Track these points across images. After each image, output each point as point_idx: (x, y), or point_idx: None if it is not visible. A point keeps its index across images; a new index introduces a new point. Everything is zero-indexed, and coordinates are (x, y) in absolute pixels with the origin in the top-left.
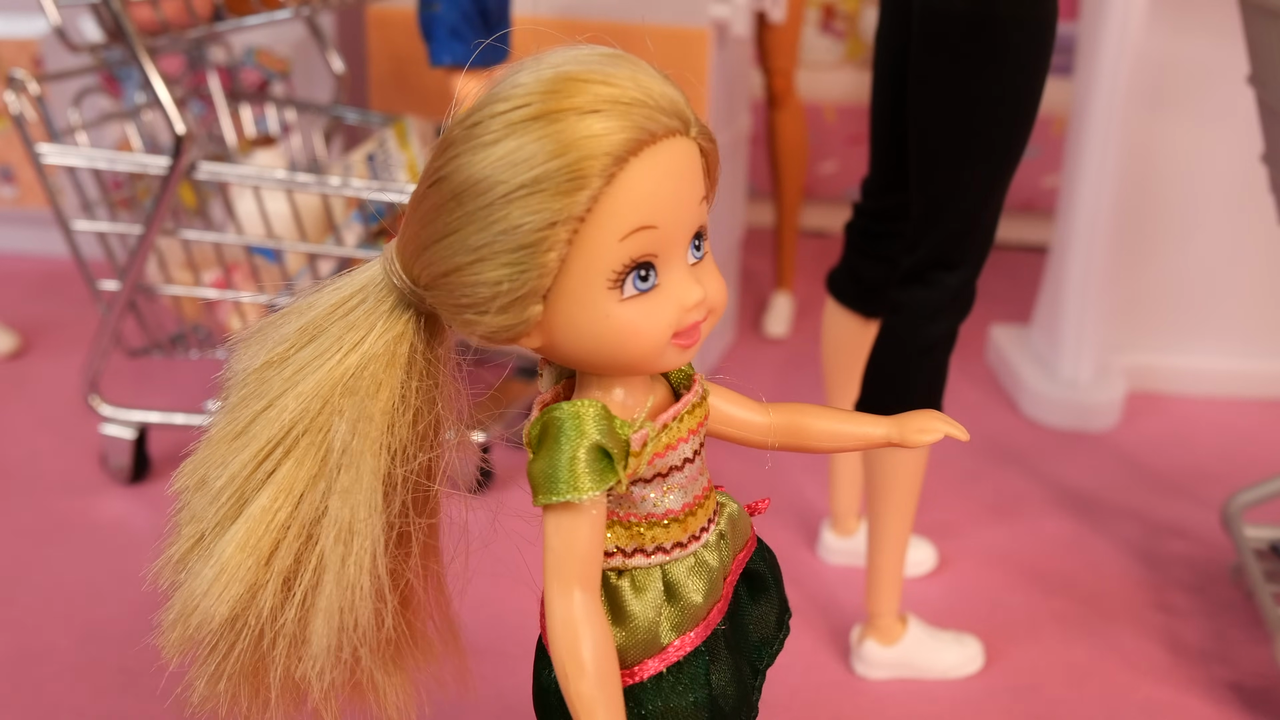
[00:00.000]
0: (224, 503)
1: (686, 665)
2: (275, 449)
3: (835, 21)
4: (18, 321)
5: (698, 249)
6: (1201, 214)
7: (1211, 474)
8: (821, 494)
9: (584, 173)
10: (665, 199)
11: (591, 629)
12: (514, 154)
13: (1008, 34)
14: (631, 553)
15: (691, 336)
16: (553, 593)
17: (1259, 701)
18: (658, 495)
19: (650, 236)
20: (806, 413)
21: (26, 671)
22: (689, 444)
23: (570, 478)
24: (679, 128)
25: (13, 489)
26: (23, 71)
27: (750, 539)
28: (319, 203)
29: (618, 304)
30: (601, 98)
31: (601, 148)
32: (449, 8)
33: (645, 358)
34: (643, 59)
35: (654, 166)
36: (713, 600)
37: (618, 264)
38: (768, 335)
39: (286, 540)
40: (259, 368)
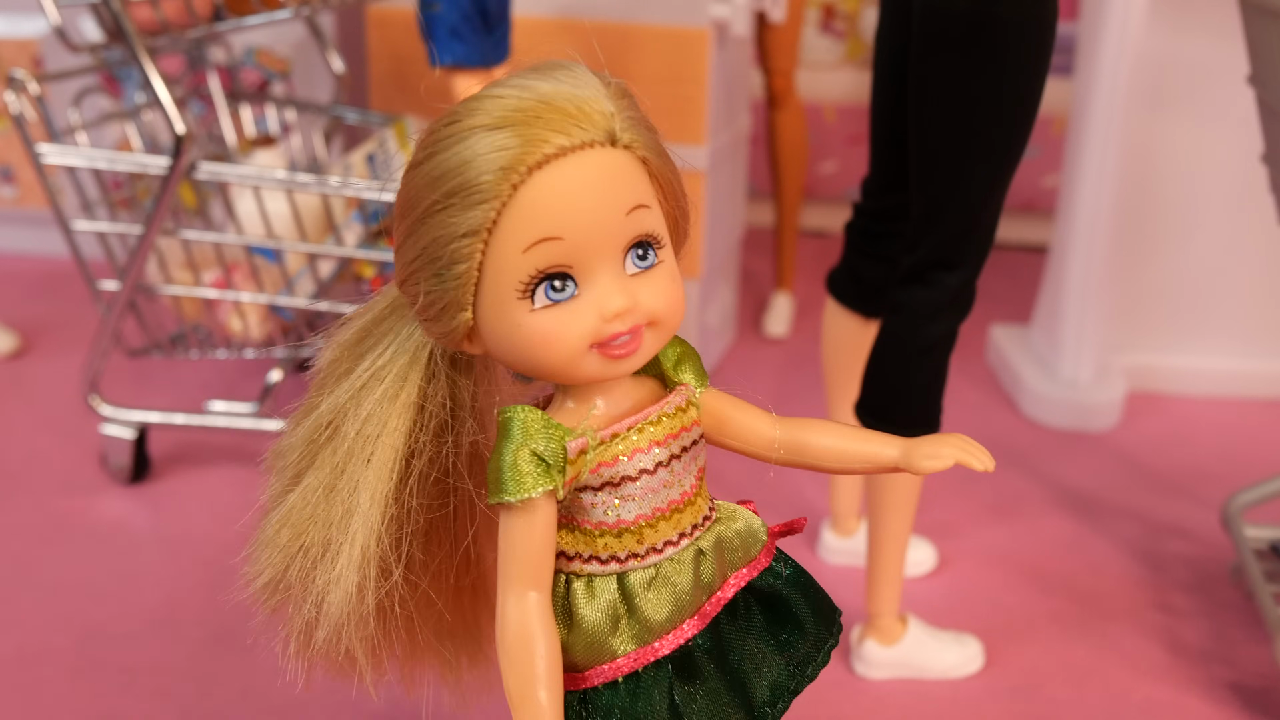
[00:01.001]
0: (285, 480)
1: (645, 677)
2: (319, 435)
3: (835, 21)
4: (18, 321)
5: (643, 258)
6: (1201, 214)
7: (1211, 474)
8: (821, 494)
9: (484, 187)
10: (573, 210)
11: (539, 631)
12: (432, 172)
13: (1008, 34)
14: (588, 558)
15: (622, 348)
16: (502, 591)
17: (1259, 701)
18: (609, 503)
19: (556, 248)
20: (814, 429)
21: (26, 671)
22: (650, 455)
23: (512, 479)
24: (598, 139)
25: (13, 489)
26: (23, 71)
27: (758, 558)
28: (319, 203)
29: (528, 314)
30: (511, 112)
31: (499, 162)
32: (449, 8)
33: (559, 367)
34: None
35: (561, 179)
36: (681, 616)
37: (524, 275)
38: (768, 335)
39: (318, 518)
40: (329, 363)
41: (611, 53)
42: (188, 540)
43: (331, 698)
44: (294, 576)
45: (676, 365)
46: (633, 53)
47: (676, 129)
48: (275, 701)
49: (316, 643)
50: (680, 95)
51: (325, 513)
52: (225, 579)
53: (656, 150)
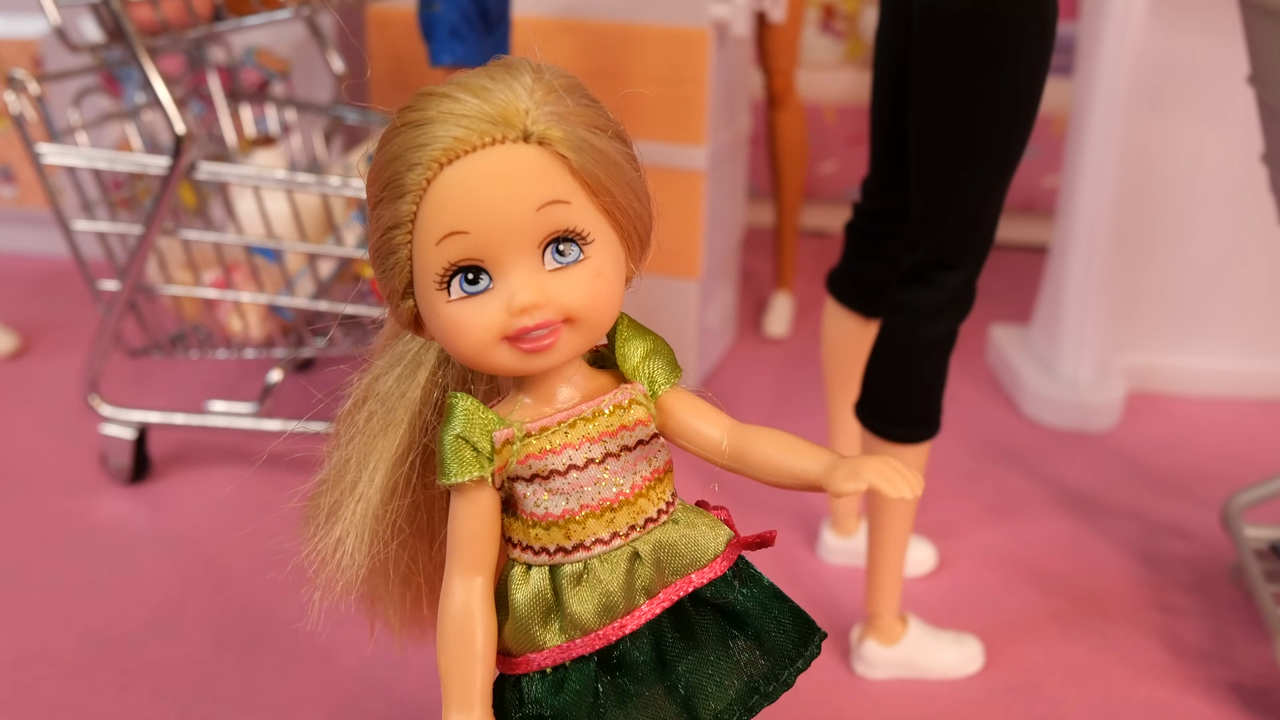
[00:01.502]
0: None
1: (573, 672)
2: (356, 409)
3: (835, 21)
4: (18, 321)
5: (562, 254)
6: (1201, 214)
7: (1211, 474)
8: (821, 494)
9: (405, 182)
10: (478, 205)
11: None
12: (375, 167)
13: (1008, 34)
14: (524, 547)
15: (534, 342)
16: (447, 569)
17: (1259, 701)
18: (539, 495)
19: (464, 241)
20: (760, 440)
21: (26, 671)
22: (581, 451)
23: (453, 462)
24: (509, 135)
25: (13, 489)
26: (23, 71)
27: (710, 566)
28: (319, 203)
29: (445, 304)
30: (433, 111)
31: (416, 158)
32: (449, 8)
33: (471, 356)
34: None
35: (467, 174)
36: (611, 616)
37: (438, 267)
38: (768, 335)
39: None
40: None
41: (611, 53)
42: (188, 540)
43: (332, 698)
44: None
45: (640, 363)
46: (633, 53)
47: (676, 129)
48: (275, 701)
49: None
50: (680, 95)
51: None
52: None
53: (580, 147)
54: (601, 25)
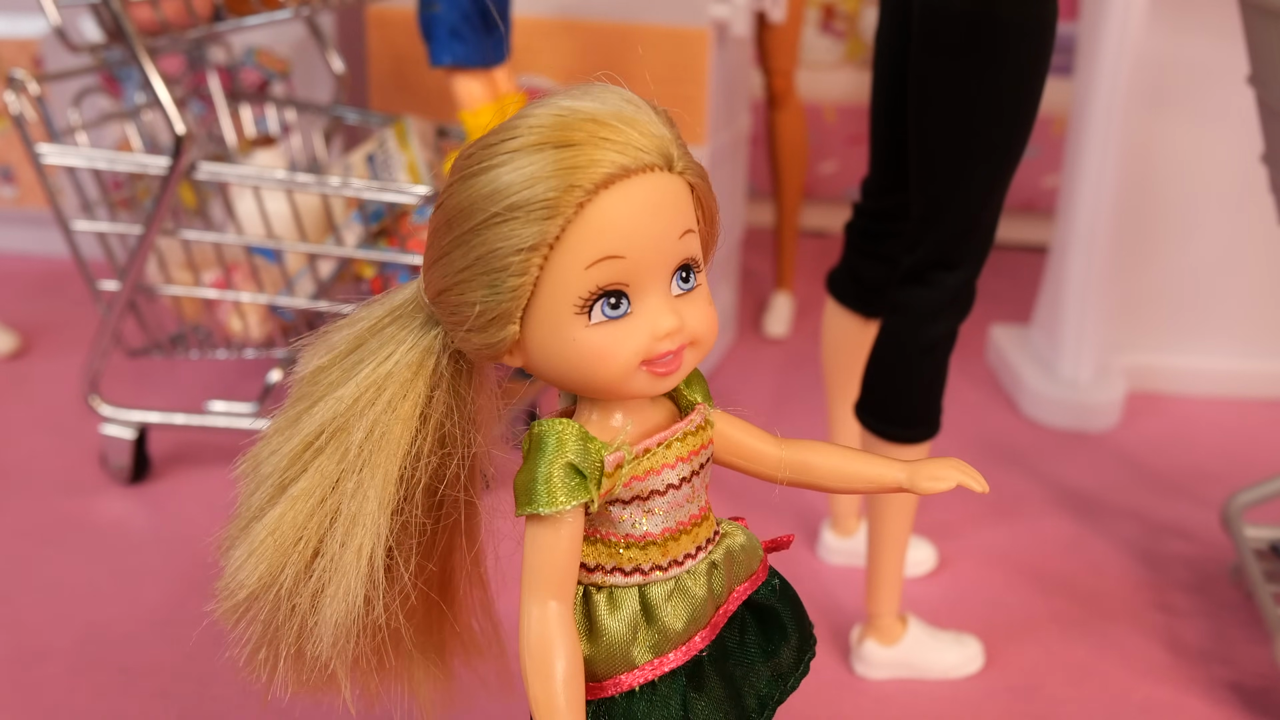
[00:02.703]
0: (267, 490)
1: (661, 686)
2: (312, 445)
3: (835, 21)
4: (18, 321)
5: (685, 280)
6: (1201, 214)
7: (1211, 474)
8: (821, 494)
9: (554, 202)
10: (635, 231)
11: (562, 639)
12: (492, 183)
13: (1008, 34)
14: (611, 570)
15: (666, 365)
16: (526, 600)
17: (1259, 701)
18: (637, 517)
19: (618, 266)
20: (818, 451)
21: (26, 671)
22: (675, 470)
23: (546, 492)
24: (659, 163)
25: (13, 489)
26: (23, 71)
27: (757, 573)
28: (319, 203)
29: (584, 329)
30: (580, 132)
31: (571, 180)
32: (449, 8)
33: (611, 382)
34: (643, 96)
35: (626, 199)
36: (695, 627)
37: (584, 290)
38: (768, 335)
39: (310, 527)
40: (312, 372)
41: (611, 53)
42: (188, 540)
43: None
44: (285, 587)
45: (689, 386)
46: (633, 53)
47: None
48: (275, 701)
49: (312, 655)
50: (680, 95)
51: (321, 522)
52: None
53: (703, 176)
54: (601, 25)
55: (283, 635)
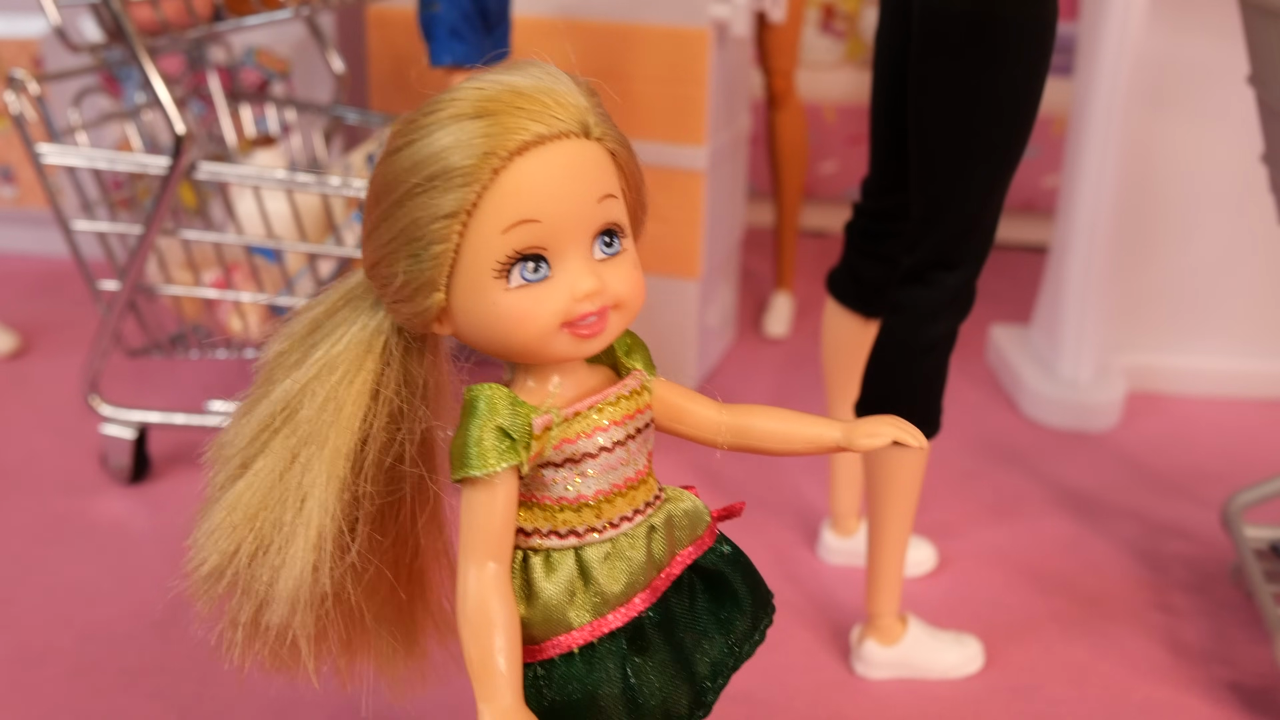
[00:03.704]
0: (230, 470)
1: (600, 648)
2: (270, 424)
3: (835, 21)
4: (18, 321)
5: (609, 245)
6: (1201, 214)
7: (1211, 474)
8: (821, 494)
9: (470, 170)
10: (550, 195)
11: (499, 601)
12: (413, 156)
13: (1008, 34)
14: (547, 533)
15: (589, 328)
16: (464, 563)
17: (1259, 701)
18: (569, 479)
19: (534, 229)
20: (758, 414)
21: (26, 671)
22: (608, 433)
23: (477, 454)
24: (574, 130)
25: (13, 489)
26: (23, 71)
27: (703, 538)
28: (319, 203)
29: (504, 292)
30: (497, 103)
31: (482, 147)
32: (449, 8)
33: (531, 344)
34: (553, 66)
35: (540, 165)
36: (634, 590)
37: (502, 255)
38: (768, 335)
39: (267, 504)
40: (274, 356)
41: (611, 53)
42: (188, 540)
43: (333, 698)
44: (242, 561)
45: (628, 353)
46: (633, 53)
47: (676, 129)
48: (275, 701)
49: (265, 626)
50: (680, 95)
51: (278, 497)
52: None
53: (624, 144)
54: (601, 25)
55: (242, 607)
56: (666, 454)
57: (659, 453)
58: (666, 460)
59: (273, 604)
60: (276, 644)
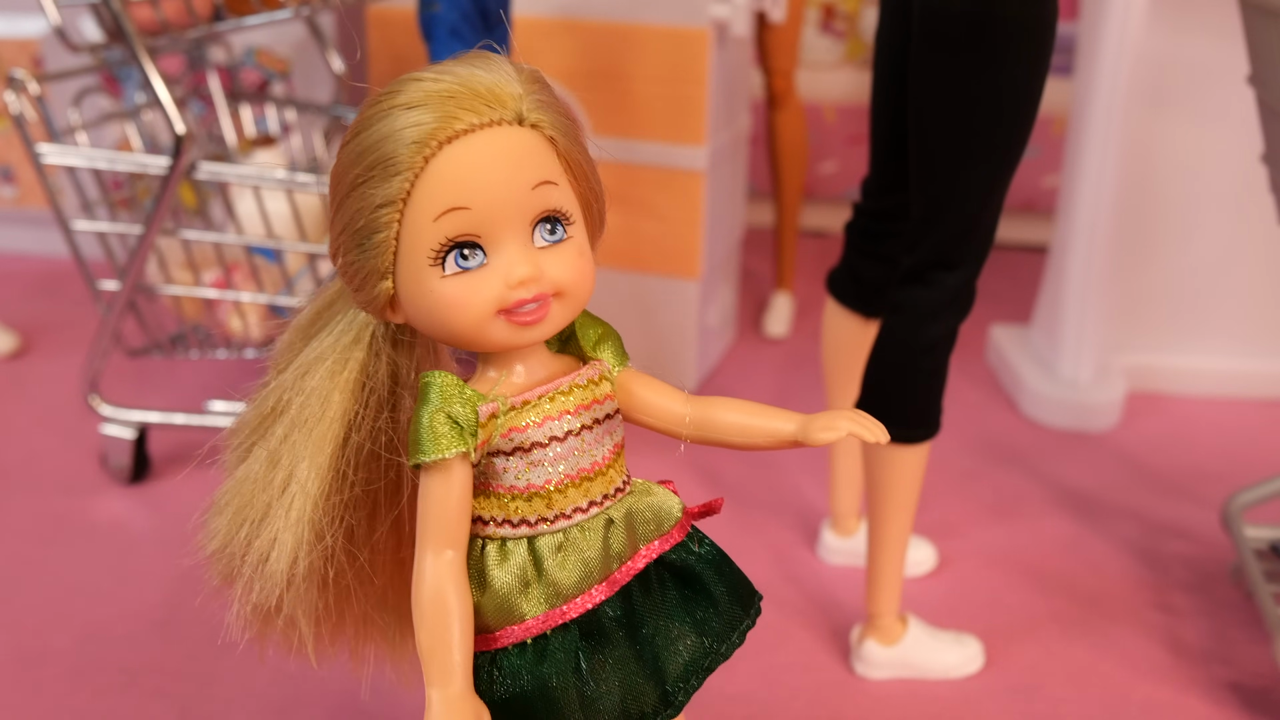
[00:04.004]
0: (238, 455)
1: (553, 638)
2: (271, 412)
3: (835, 21)
4: (18, 321)
5: (552, 232)
6: (1201, 214)
7: (1211, 474)
8: (821, 494)
9: (400, 160)
10: (480, 182)
11: (455, 590)
12: (357, 148)
13: (1008, 34)
14: (501, 522)
15: (528, 315)
16: (421, 549)
17: (1259, 701)
18: (519, 469)
19: (464, 217)
20: (720, 406)
21: (26, 672)
22: (560, 423)
23: (430, 439)
24: (506, 118)
25: (13, 489)
26: (23, 71)
27: (671, 533)
28: (319, 203)
29: (439, 280)
30: (423, 93)
31: (413, 136)
32: (449, 8)
33: (468, 331)
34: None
35: (468, 152)
36: (590, 582)
37: (435, 243)
38: (768, 335)
39: (263, 486)
40: (282, 348)
41: (611, 53)
42: (188, 540)
43: (332, 697)
44: (239, 543)
45: (596, 344)
46: (633, 53)
47: (676, 129)
48: (275, 701)
49: (258, 606)
50: (680, 95)
51: (268, 481)
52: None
53: (565, 132)
54: (601, 25)
55: (247, 590)
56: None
57: (658, 452)
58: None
59: (265, 585)
60: (277, 623)
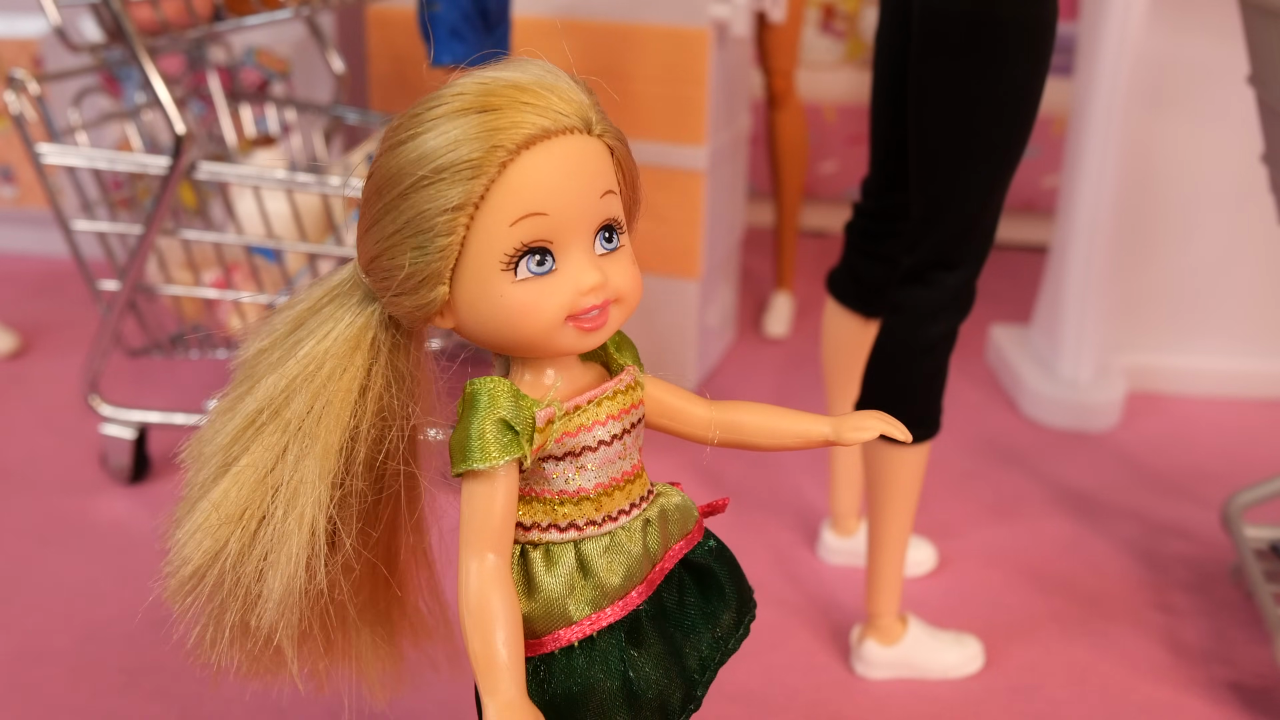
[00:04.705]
0: (211, 469)
1: (600, 641)
2: (254, 422)
3: (835, 21)
4: (18, 321)
5: (609, 240)
6: (1201, 214)
7: (1211, 474)
8: (821, 494)
9: (478, 163)
10: (556, 189)
11: (500, 594)
12: (418, 148)
13: (1008, 34)
14: (546, 527)
15: (592, 321)
16: (465, 556)
17: (1259, 701)
18: (569, 473)
19: (541, 223)
20: (747, 410)
21: (26, 671)
22: (606, 427)
23: (480, 447)
24: (578, 126)
25: (13, 489)
26: (23, 71)
27: (692, 533)
28: (319, 203)
29: (511, 285)
30: (502, 97)
31: (494, 140)
32: (449, 8)
33: (538, 337)
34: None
35: (547, 159)
36: (632, 583)
37: (509, 247)
38: (768, 335)
39: (254, 501)
40: (254, 354)
41: (611, 53)
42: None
43: (332, 698)
44: (228, 561)
45: (618, 350)
46: (633, 53)
47: (676, 129)
48: (276, 701)
49: (253, 627)
50: (680, 95)
51: (265, 494)
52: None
53: (621, 141)
54: (601, 25)
55: (228, 608)
56: (664, 453)
57: (657, 451)
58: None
59: (263, 603)
60: (262, 646)
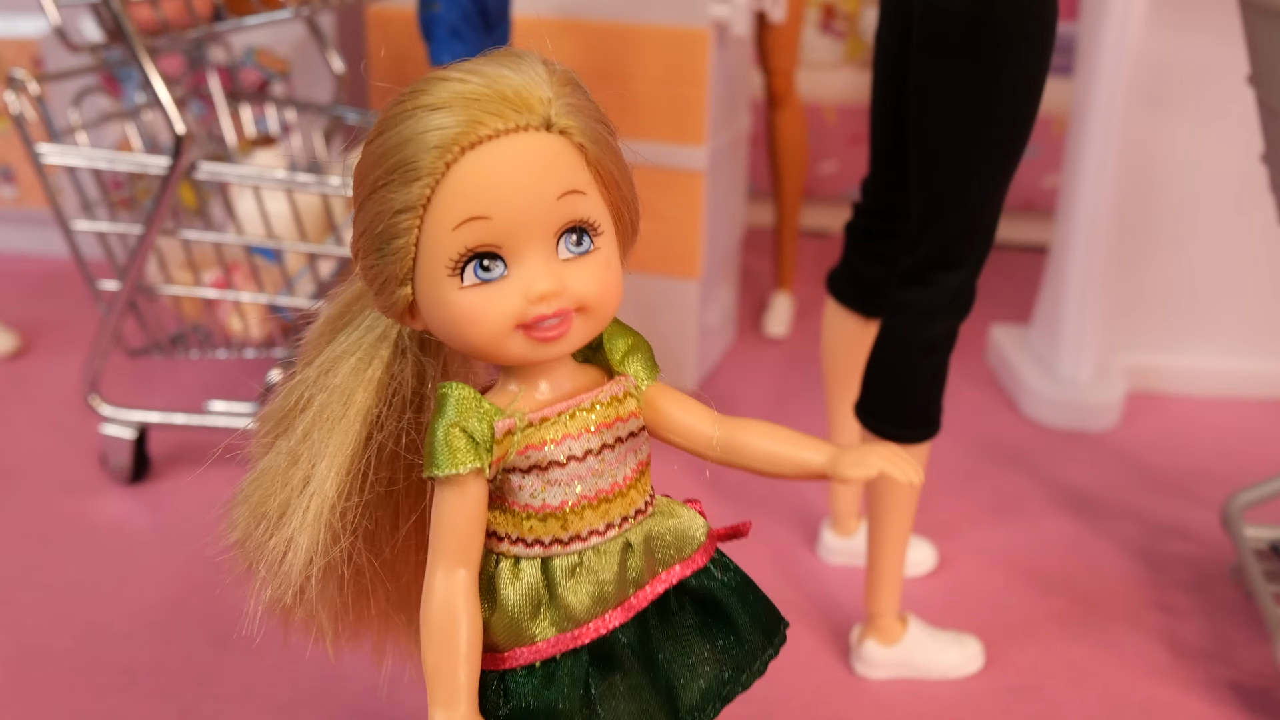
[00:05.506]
0: (263, 444)
1: (564, 664)
2: (294, 407)
3: (835, 21)
4: (18, 321)
5: (578, 244)
6: (1201, 214)
7: (1211, 474)
8: (821, 494)
9: (421, 165)
10: (502, 191)
11: (465, 610)
12: (379, 149)
13: (1008, 34)
14: (515, 540)
15: (546, 331)
16: (433, 565)
17: (1259, 701)
18: (535, 487)
19: (485, 227)
20: (752, 431)
21: (26, 672)
22: (581, 441)
23: (445, 453)
24: (532, 123)
25: (13, 489)
26: (23, 71)
27: (693, 558)
28: (319, 203)
29: (457, 291)
30: (448, 94)
31: (435, 141)
32: (449, 8)
33: (484, 345)
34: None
35: (491, 159)
36: (603, 608)
37: (454, 252)
38: (768, 335)
39: (284, 480)
40: (312, 338)
41: (611, 53)
42: (188, 540)
43: (332, 698)
44: (259, 536)
45: (624, 357)
46: (633, 53)
47: (676, 129)
48: (276, 701)
49: (275, 600)
50: (680, 95)
51: (288, 477)
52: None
53: (596, 138)
54: (601, 25)
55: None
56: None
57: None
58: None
59: (280, 582)
60: (304, 619)
